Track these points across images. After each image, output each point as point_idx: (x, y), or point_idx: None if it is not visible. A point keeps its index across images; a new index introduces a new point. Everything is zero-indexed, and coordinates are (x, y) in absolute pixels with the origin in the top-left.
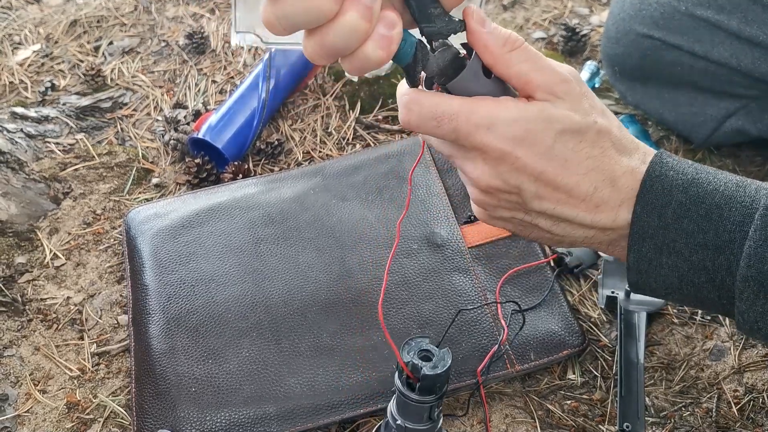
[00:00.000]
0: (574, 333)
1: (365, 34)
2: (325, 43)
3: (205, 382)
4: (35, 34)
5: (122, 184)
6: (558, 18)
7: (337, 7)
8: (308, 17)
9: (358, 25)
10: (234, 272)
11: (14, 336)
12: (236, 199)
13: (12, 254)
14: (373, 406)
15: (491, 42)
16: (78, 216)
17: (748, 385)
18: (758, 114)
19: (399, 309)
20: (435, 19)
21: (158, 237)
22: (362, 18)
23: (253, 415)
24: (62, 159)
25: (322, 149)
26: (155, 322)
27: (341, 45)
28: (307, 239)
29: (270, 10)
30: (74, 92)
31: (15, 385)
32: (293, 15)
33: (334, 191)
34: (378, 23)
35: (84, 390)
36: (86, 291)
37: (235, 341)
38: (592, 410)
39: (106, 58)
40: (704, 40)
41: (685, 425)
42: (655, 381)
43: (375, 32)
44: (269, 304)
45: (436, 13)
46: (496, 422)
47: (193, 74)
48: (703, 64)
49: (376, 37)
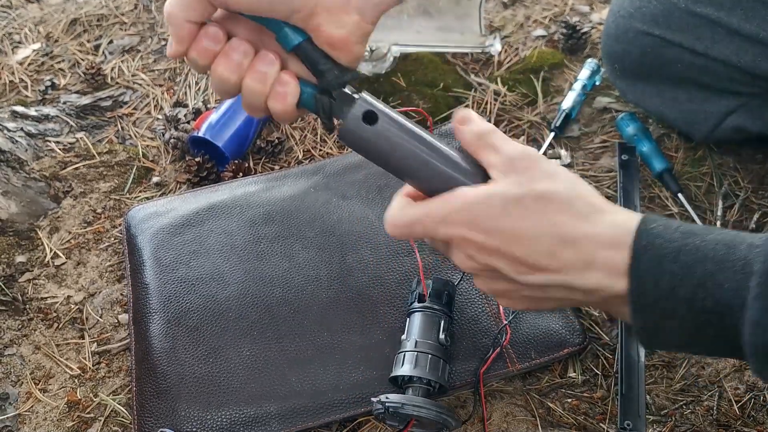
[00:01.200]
0: (575, 331)
1: (264, 94)
2: (244, 101)
3: (205, 381)
4: (35, 32)
5: (122, 182)
6: (558, 16)
7: (238, 78)
8: (224, 87)
9: (255, 87)
10: (234, 271)
11: (15, 335)
12: (236, 197)
13: (12, 253)
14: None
15: (467, 137)
16: (78, 215)
17: (749, 383)
18: (758, 112)
19: (400, 307)
20: (326, 73)
21: (158, 236)
22: (257, 81)
23: (254, 414)
24: (62, 158)
25: (323, 147)
26: (156, 320)
27: (252, 102)
28: (308, 238)
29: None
30: (74, 91)
31: (16, 384)
32: (218, 88)
33: (335, 190)
34: (275, 83)
35: (85, 389)
36: (87, 290)
37: (236, 340)
38: (593, 408)
39: (107, 56)
40: (704, 37)
41: (685, 423)
42: (656, 379)
43: (272, 90)
44: (270, 303)
45: (326, 68)
46: (496, 420)
47: (193, 73)
48: (703, 61)
49: (273, 94)
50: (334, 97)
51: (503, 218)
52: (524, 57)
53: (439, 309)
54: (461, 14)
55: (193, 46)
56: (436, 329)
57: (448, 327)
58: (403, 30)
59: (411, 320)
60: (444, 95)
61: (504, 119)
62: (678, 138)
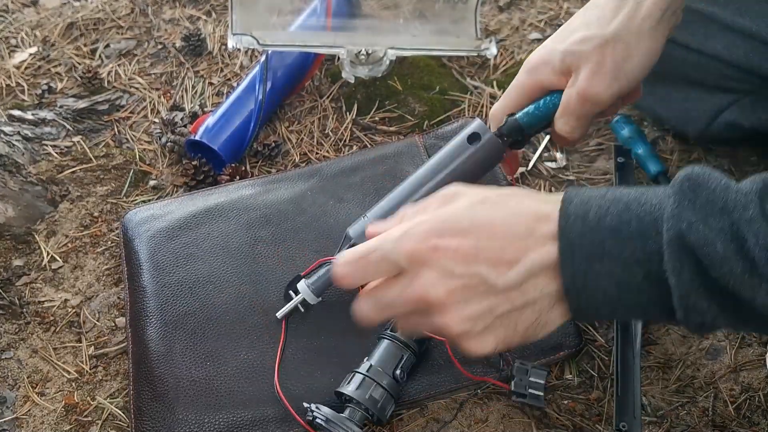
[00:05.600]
0: (570, 334)
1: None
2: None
3: (203, 385)
4: (32, 36)
5: (119, 186)
6: (554, 19)
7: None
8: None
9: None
10: (231, 274)
11: (12, 339)
12: (233, 200)
13: (9, 257)
14: None
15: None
16: (75, 218)
17: (745, 384)
18: (751, 108)
19: None
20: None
21: (155, 239)
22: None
23: (251, 417)
24: (59, 161)
25: (319, 151)
26: (153, 324)
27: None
28: (305, 240)
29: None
30: (71, 95)
31: (13, 388)
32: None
33: (331, 193)
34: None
35: (82, 392)
36: (84, 293)
37: (233, 343)
38: (589, 410)
39: (103, 60)
40: (697, 33)
41: (681, 424)
42: (652, 380)
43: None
44: (267, 306)
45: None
46: (493, 422)
47: (190, 76)
48: (695, 57)
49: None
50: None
51: (474, 215)
52: (520, 60)
53: (405, 343)
54: (457, 18)
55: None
56: (395, 362)
57: (409, 365)
58: (399, 33)
59: (379, 343)
60: (440, 98)
61: None
62: (673, 140)
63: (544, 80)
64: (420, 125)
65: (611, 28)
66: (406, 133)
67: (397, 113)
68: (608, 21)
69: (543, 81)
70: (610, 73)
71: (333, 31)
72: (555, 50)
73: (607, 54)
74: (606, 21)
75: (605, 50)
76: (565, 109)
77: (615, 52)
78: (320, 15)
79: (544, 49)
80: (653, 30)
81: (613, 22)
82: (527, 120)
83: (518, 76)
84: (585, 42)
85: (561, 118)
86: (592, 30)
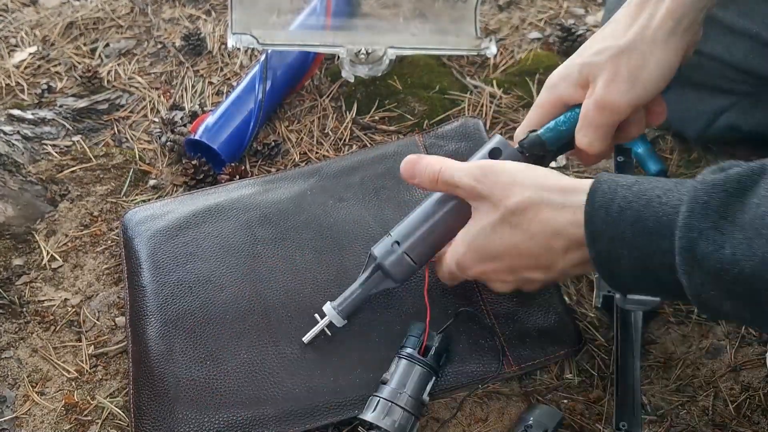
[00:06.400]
0: (570, 333)
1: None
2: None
3: (202, 384)
4: (31, 36)
5: (119, 185)
6: (554, 18)
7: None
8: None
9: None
10: (231, 273)
11: (12, 338)
12: (233, 200)
13: (9, 256)
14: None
15: (426, 186)
16: (75, 218)
17: (745, 383)
18: (750, 110)
19: (397, 309)
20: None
21: (155, 238)
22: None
23: (251, 417)
24: (59, 161)
25: (319, 150)
26: (153, 323)
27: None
28: (305, 240)
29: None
30: (71, 94)
31: (13, 387)
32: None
33: (331, 192)
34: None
35: (82, 391)
36: (84, 293)
37: (233, 343)
38: (589, 409)
39: (103, 60)
40: None
41: (681, 423)
42: (652, 380)
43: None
44: (267, 306)
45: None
46: (492, 421)
47: (190, 76)
48: (696, 58)
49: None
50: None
51: (498, 241)
52: (520, 59)
53: (433, 367)
54: (457, 17)
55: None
56: (424, 387)
57: (432, 387)
58: (398, 33)
59: (401, 365)
60: (440, 98)
61: (500, 121)
62: (673, 140)
63: (564, 95)
64: (420, 124)
65: (626, 39)
66: (405, 132)
67: (397, 112)
68: (623, 32)
69: (563, 95)
70: (626, 81)
71: (333, 31)
72: (573, 64)
73: (622, 63)
74: (621, 32)
75: (620, 59)
76: (584, 119)
77: (630, 60)
78: (320, 14)
79: (563, 65)
80: (667, 40)
81: (627, 33)
82: (548, 135)
83: (540, 94)
84: (601, 53)
85: (580, 131)
86: (607, 41)
